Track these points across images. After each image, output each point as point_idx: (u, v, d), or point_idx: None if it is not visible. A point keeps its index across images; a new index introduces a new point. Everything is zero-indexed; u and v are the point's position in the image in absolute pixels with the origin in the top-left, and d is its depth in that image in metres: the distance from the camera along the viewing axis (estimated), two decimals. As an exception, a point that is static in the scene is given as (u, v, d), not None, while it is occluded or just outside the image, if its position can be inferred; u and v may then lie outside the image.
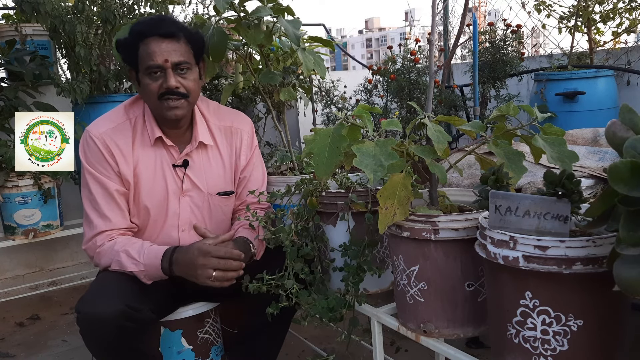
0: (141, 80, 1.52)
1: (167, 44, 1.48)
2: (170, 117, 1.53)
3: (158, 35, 1.48)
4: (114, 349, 1.38)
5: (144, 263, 1.46)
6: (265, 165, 1.81)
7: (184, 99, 1.52)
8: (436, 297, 1.18)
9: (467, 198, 1.35)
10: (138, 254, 1.47)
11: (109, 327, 1.33)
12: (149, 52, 1.47)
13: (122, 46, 1.54)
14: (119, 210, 1.55)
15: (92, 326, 1.35)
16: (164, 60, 1.47)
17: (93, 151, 1.54)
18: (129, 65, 1.55)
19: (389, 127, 1.20)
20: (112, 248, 1.50)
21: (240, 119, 1.74)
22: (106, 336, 1.35)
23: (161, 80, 1.49)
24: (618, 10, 3.11)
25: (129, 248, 1.48)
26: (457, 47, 1.58)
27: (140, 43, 1.48)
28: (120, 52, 1.57)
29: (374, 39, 75.38)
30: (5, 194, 2.60)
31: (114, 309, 1.33)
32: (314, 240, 1.48)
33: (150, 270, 1.46)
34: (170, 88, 1.48)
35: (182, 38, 1.50)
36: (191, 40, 1.53)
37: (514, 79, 3.32)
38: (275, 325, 1.55)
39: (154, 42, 1.47)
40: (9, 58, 2.79)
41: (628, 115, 0.84)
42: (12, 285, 3.02)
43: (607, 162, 1.65)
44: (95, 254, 1.54)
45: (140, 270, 1.46)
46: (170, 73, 1.48)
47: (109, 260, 1.49)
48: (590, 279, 0.90)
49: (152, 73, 1.48)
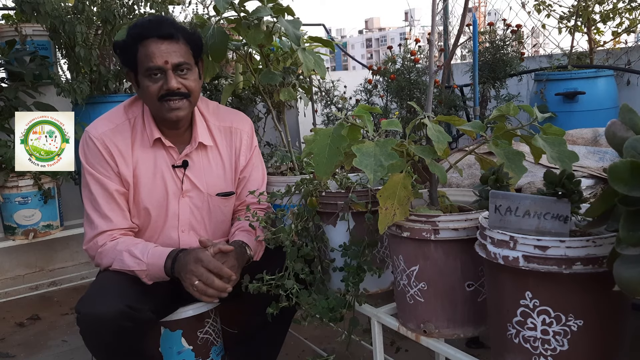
0: (140, 82, 1.51)
1: (167, 45, 1.47)
2: (171, 118, 1.53)
3: (157, 36, 1.47)
4: (114, 349, 1.38)
5: (147, 262, 1.45)
6: (265, 166, 1.81)
7: (186, 99, 1.52)
8: (436, 297, 1.18)
9: (467, 198, 1.35)
10: (142, 253, 1.47)
11: (109, 327, 1.33)
12: (148, 53, 1.47)
13: (120, 48, 1.53)
14: (119, 210, 1.55)
15: (92, 326, 1.35)
16: (164, 62, 1.47)
17: (93, 152, 1.54)
18: (128, 68, 1.54)
19: (389, 127, 1.20)
20: (115, 248, 1.50)
21: (240, 119, 1.73)
22: (106, 336, 1.34)
23: (161, 82, 1.48)
24: (618, 10, 3.11)
25: (132, 248, 1.48)
26: (457, 47, 1.58)
27: (139, 45, 1.48)
28: (118, 55, 1.56)
29: (374, 39, 75.37)
30: (5, 194, 2.60)
31: (114, 309, 1.33)
32: (314, 240, 1.48)
33: (153, 270, 1.46)
34: (171, 89, 1.48)
35: (181, 38, 1.50)
36: (190, 41, 1.53)
37: (514, 79, 3.32)
38: (276, 325, 1.55)
39: (153, 44, 1.47)
40: (9, 58, 2.79)
41: (628, 115, 0.84)
42: (12, 286, 3.02)
43: (607, 162, 1.65)
44: (96, 254, 1.53)
45: (142, 269, 1.46)
46: (170, 74, 1.48)
47: (111, 260, 1.49)
48: (590, 279, 0.90)
49: (152, 75, 1.48)
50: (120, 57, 1.56)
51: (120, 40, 1.54)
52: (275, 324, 1.50)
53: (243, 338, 1.72)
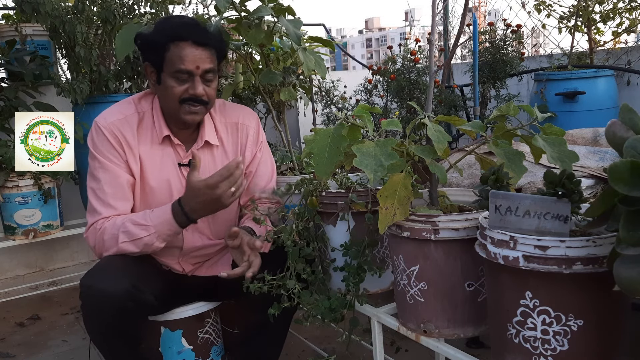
0: (164, 80, 1.51)
1: (201, 52, 1.48)
2: (188, 121, 1.54)
3: (192, 41, 1.47)
4: (113, 331, 1.39)
5: (153, 225, 1.45)
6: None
7: (204, 106, 1.53)
8: (436, 297, 1.18)
9: (467, 198, 1.35)
10: (143, 218, 1.46)
11: (113, 304, 1.34)
12: (181, 55, 1.46)
13: (147, 42, 1.52)
14: (125, 200, 1.54)
15: (95, 301, 1.36)
16: (195, 67, 1.47)
17: (101, 140, 1.54)
18: (150, 63, 1.53)
19: (389, 127, 1.20)
20: (114, 223, 1.48)
21: (246, 114, 1.73)
22: (108, 314, 1.35)
23: (187, 85, 1.49)
24: (618, 10, 3.11)
25: (133, 217, 1.48)
26: (457, 47, 1.58)
27: (172, 45, 1.47)
28: (140, 47, 1.55)
29: (374, 39, 75.39)
30: (5, 194, 2.60)
31: (120, 287, 1.34)
32: (314, 240, 1.48)
33: (162, 229, 1.45)
34: (197, 96, 1.49)
35: (212, 47, 1.51)
36: (218, 49, 1.54)
37: (514, 79, 3.32)
38: (276, 325, 1.55)
39: (188, 48, 1.47)
40: (9, 58, 2.79)
41: (628, 115, 0.84)
42: (12, 286, 3.02)
43: (607, 162, 1.65)
44: (97, 237, 1.50)
45: (151, 233, 1.44)
46: (198, 80, 1.49)
47: (114, 235, 1.46)
48: (591, 279, 0.90)
49: (180, 76, 1.48)
50: (144, 51, 1.54)
51: (147, 33, 1.53)
52: (275, 323, 1.50)
53: (243, 338, 1.72)
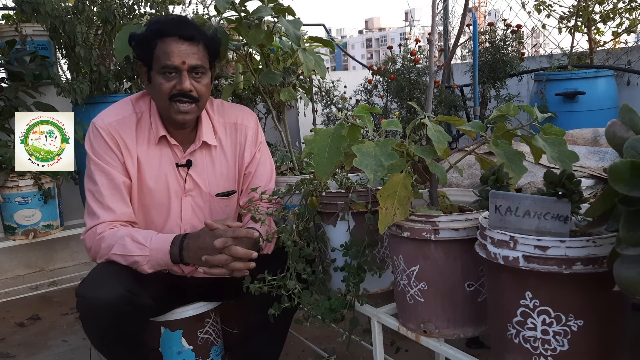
0: (153, 78, 1.51)
1: (187, 47, 1.48)
2: (179, 121, 1.53)
3: (178, 36, 1.47)
4: (112, 336, 1.38)
5: (151, 248, 1.43)
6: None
7: (195, 104, 1.52)
8: (436, 297, 1.18)
9: (467, 198, 1.35)
10: (145, 239, 1.45)
11: (109, 310, 1.33)
12: (167, 51, 1.47)
13: (137, 41, 1.53)
14: (123, 202, 1.53)
15: (92, 309, 1.35)
16: (181, 62, 1.47)
17: (99, 141, 1.54)
18: (141, 61, 1.54)
19: (389, 127, 1.20)
20: (115, 234, 1.47)
21: (245, 114, 1.73)
22: (105, 320, 1.34)
23: (175, 81, 1.49)
24: (618, 10, 3.11)
25: (135, 233, 1.46)
26: (457, 47, 1.58)
27: (159, 41, 1.48)
28: (133, 47, 1.55)
29: (374, 39, 75.38)
30: (5, 194, 2.60)
31: (115, 293, 1.33)
32: (314, 240, 1.48)
33: (156, 256, 1.44)
34: (183, 90, 1.48)
35: (201, 42, 1.51)
36: (208, 45, 1.54)
37: (514, 79, 3.32)
38: (276, 325, 1.55)
39: (174, 43, 1.47)
40: (9, 58, 2.79)
41: (628, 115, 0.84)
42: (12, 286, 3.02)
43: (607, 162, 1.65)
44: (94, 242, 1.49)
45: (145, 255, 1.43)
46: (185, 75, 1.48)
47: (111, 245, 1.45)
48: (591, 279, 0.90)
49: (167, 73, 1.48)
50: (136, 50, 1.55)
51: (138, 33, 1.54)
52: (276, 323, 1.50)
53: (243, 338, 1.72)
